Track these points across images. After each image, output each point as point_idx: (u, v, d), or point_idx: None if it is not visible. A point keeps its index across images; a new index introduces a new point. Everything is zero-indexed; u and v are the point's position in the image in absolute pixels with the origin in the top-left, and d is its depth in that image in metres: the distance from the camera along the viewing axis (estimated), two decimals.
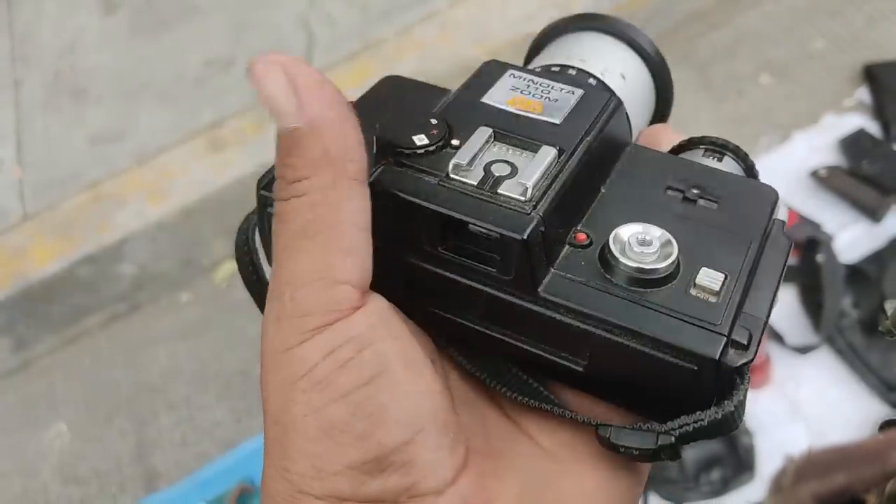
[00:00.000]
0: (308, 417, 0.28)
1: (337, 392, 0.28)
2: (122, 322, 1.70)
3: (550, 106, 0.34)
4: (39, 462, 1.55)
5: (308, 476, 0.28)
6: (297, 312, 0.29)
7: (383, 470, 0.28)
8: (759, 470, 1.32)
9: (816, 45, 1.83)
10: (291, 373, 0.29)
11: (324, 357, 0.28)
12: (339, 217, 0.29)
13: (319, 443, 0.28)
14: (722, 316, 0.30)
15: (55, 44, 2.02)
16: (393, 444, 0.28)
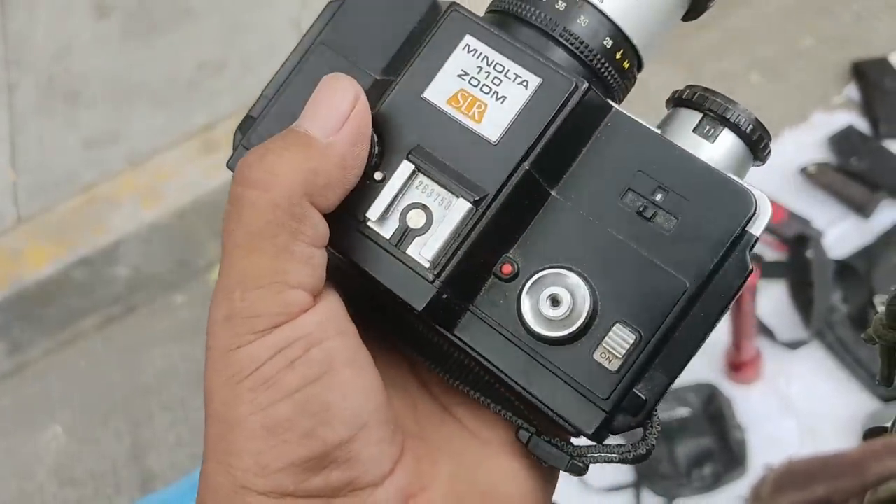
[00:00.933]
0: (254, 415, 0.29)
1: (283, 391, 0.29)
2: (117, 324, 1.70)
3: (494, 110, 0.31)
4: (35, 464, 1.56)
5: (252, 472, 0.29)
6: (248, 313, 0.29)
7: (326, 466, 0.29)
8: (750, 465, 1.33)
9: (805, 44, 1.84)
10: (238, 371, 0.29)
11: (271, 356, 0.29)
12: (298, 229, 0.29)
13: (264, 440, 0.29)
14: (613, 389, 0.30)
15: (48, 48, 2.03)
16: (337, 442, 0.29)
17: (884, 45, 1.78)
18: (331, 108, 0.30)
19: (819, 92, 1.75)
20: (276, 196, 0.29)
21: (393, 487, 0.30)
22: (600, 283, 0.30)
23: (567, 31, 0.33)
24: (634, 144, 0.32)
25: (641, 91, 1.67)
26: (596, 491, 1.36)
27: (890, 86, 1.70)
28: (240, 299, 0.29)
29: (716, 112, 0.33)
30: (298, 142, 0.30)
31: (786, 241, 1.51)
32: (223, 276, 0.30)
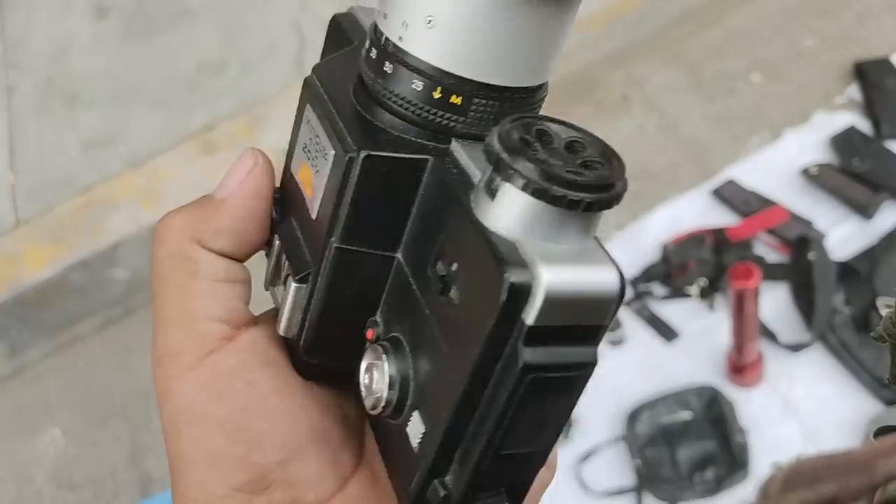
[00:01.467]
0: (191, 449, 0.31)
1: (214, 423, 0.31)
2: (116, 327, 1.70)
3: (316, 184, 0.30)
4: (34, 468, 1.55)
5: (201, 501, 0.31)
6: (170, 352, 0.32)
7: (266, 487, 0.31)
8: (752, 468, 1.32)
9: (807, 44, 1.83)
10: (173, 409, 0.31)
11: (198, 392, 0.31)
12: (194, 269, 0.32)
13: (204, 470, 0.31)
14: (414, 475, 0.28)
15: (47, 49, 2.02)
16: (271, 464, 0.31)
17: (886, 46, 1.77)
18: (232, 173, 0.33)
19: (821, 92, 1.75)
20: (170, 245, 0.33)
21: (344, 502, 0.32)
22: (416, 357, 0.28)
23: (380, 86, 0.29)
24: (442, 204, 0.28)
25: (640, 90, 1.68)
26: (597, 495, 1.35)
27: (892, 86, 1.69)
28: (161, 341, 0.32)
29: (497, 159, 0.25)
30: (199, 202, 0.34)
31: (788, 243, 1.51)
32: (153, 324, 0.33)
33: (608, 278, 0.25)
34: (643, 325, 1.49)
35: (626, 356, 1.46)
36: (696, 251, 1.51)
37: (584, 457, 1.38)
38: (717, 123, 1.74)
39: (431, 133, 0.29)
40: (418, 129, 0.29)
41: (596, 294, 0.25)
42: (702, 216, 1.59)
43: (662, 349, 1.46)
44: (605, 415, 1.41)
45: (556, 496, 1.36)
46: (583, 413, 1.42)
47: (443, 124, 0.29)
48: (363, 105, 0.30)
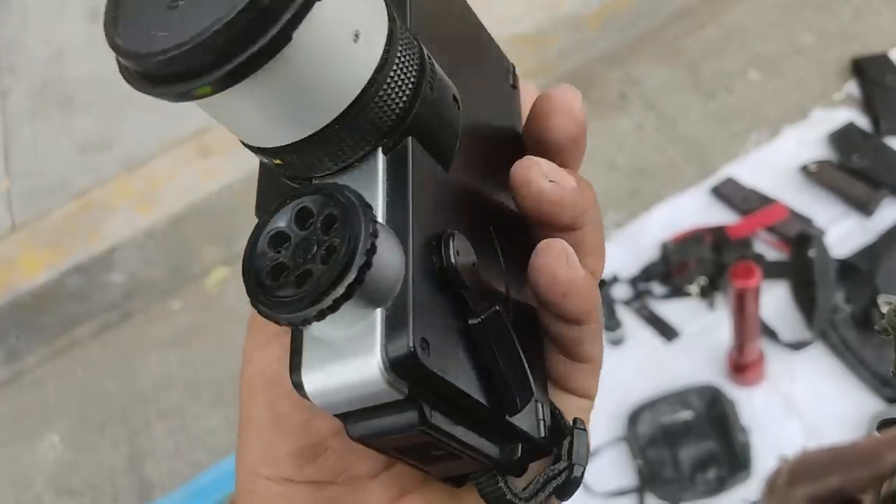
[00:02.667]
0: (261, 412, 0.33)
1: (284, 388, 0.32)
2: (114, 331, 1.69)
3: None
4: (33, 474, 1.54)
5: (261, 461, 0.33)
6: (262, 322, 0.33)
7: (320, 454, 0.32)
8: (754, 468, 1.31)
9: (804, 40, 1.83)
10: (252, 373, 0.34)
11: (274, 360, 0.33)
12: None
13: (270, 432, 0.32)
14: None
15: (42, 53, 2.01)
16: (328, 432, 0.32)
17: (884, 41, 1.77)
18: None
19: (819, 89, 1.74)
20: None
21: (388, 481, 0.33)
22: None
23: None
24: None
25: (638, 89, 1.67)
26: (599, 496, 1.34)
27: (890, 82, 1.69)
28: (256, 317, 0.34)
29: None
30: None
31: (787, 241, 1.50)
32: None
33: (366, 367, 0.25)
34: (643, 324, 1.48)
35: (627, 356, 1.45)
36: (695, 250, 1.51)
37: None
38: (715, 121, 1.74)
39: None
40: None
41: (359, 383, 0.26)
42: (701, 214, 1.58)
43: (663, 349, 1.46)
44: (605, 415, 1.41)
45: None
46: None
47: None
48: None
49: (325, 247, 0.25)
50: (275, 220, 0.25)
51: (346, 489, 0.32)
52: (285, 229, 0.25)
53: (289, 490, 0.32)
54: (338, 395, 0.26)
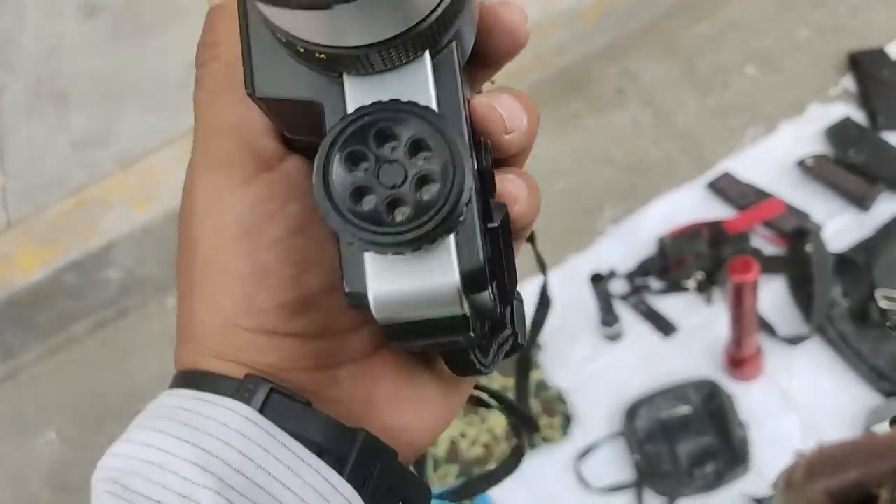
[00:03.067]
0: (240, 261, 0.31)
1: (266, 240, 0.31)
2: (110, 328, 1.69)
3: None
4: (29, 471, 1.54)
5: (242, 311, 0.31)
6: (224, 162, 0.31)
7: (308, 309, 0.32)
8: (752, 462, 1.32)
9: (801, 35, 1.83)
10: (223, 219, 0.31)
11: (251, 207, 0.31)
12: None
13: (251, 284, 0.31)
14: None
15: (37, 49, 2.01)
16: (318, 287, 0.32)
17: (880, 36, 1.77)
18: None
19: (815, 84, 1.74)
20: (229, 53, 0.31)
21: (366, 334, 0.33)
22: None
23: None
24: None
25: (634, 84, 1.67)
26: (597, 491, 1.34)
27: (887, 76, 1.69)
28: (210, 150, 0.32)
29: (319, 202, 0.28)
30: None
31: (785, 236, 1.50)
32: (195, 132, 0.32)
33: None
34: (640, 319, 1.48)
35: (624, 351, 1.45)
36: (692, 244, 1.51)
37: (583, 453, 1.38)
38: (711, 116, 1.74)
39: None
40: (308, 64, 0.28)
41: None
42: (698, 209, 1.58)
43: (660, 344, 1.46)
44: (603, 410, 1.41)
45: (556, 493, 1.36)
46: (581, 409, 1.41)
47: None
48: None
49: (417, 176, 0.25)
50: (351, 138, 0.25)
51: (329, 342, 0.33)
52: (363, 148, 0.25)
53: (273, 342, 0.32)
54: (405, 308, 0.27)
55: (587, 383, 1.43)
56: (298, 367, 0.32)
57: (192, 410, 0.31)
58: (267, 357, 0.32)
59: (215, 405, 0.31)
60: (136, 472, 0.30)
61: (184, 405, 0.31)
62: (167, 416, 0.31)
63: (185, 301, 0.33)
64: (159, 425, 0.31)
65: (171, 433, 0.30)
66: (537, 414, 1.39)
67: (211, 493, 0.29)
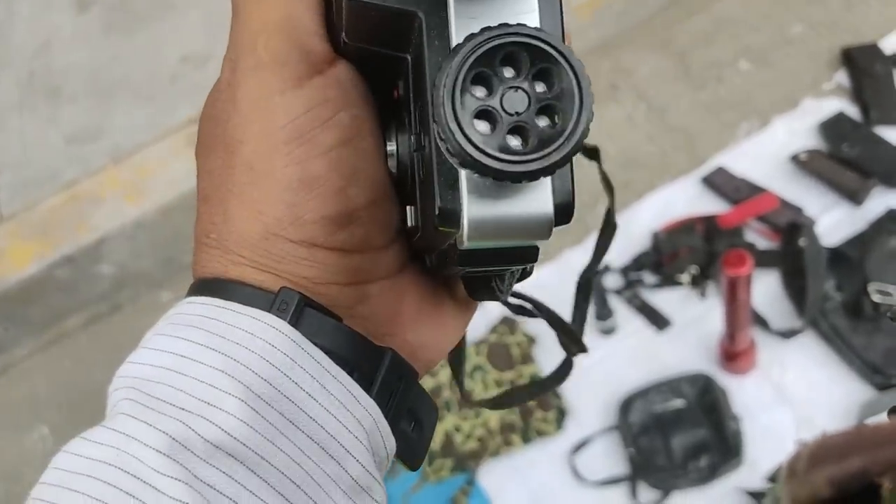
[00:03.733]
0: (289, 168, 0.30)
1: (318, 148, 0.30)
2: (103, 322, 1.68)
3: None
4: (22, 466, 1.54)
5: (286, 221, 0.31)
6: (275, 61, 0.30)
7: (350, 223, 0.31)
8: (746, 455, 1.32)
9: (795, 30, 1.83)
10: (273, 122, 0.30)
11: (305, 112, 0.30)
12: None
13: (299, 193, 0.30)
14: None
15: (29, 43, 2.00)
16: (362, 201, 0.31)
17: (874, 31, 1.77)
18: None
19: (809, 79, 1.75)
20: None
21: (396, 250, 0.34)
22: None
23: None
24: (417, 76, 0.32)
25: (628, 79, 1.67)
26: (591, 485, 1.35)
27: (880, 71, 1.69)
28: (263, 48, 0.30)
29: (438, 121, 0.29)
30: None
31: (778, 230, 1.51)
32: (239, 29, 0.31)
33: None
34: (635, 313, 1.48)
35: (618, 345, 1.46)
36: (686, 239, 1.51)
37: (577, 447, 1.38)
38: (705, 111, 1.74)
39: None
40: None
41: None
42: (692, 204, 1.58)
43: (654, 338, 1.46)
44: (597, 404, 1.41)
45: (550, 486, 1.36)
46: (575, 403, 1.42)
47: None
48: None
49: (542, 104, 0.25)
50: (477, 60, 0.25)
51: (365, 257, 0.32)
52: (489, 71, 0.25)
53: (314, 255, 0.31)
54: (495, 233, 0.27)
55: (581, 377, 1.43)
56: (333, 281, 0.32)
57: (216, 319, 0.30)
58: (305, 270, 0.31)
59: (241, 314, 0.30)
60: (158, 379, 0.29)
61: (207, 313, 0.31)
62: (189, 323, 0.31)
63: (216, 206, 0.32)
64: (181, 332, 0.30)
65: (196, 340, 0.30)
66: (531, 407, 1.40)
67: (237, 401, 0.29)
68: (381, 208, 0.32)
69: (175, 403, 0.29)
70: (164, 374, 0.29)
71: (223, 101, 0.32)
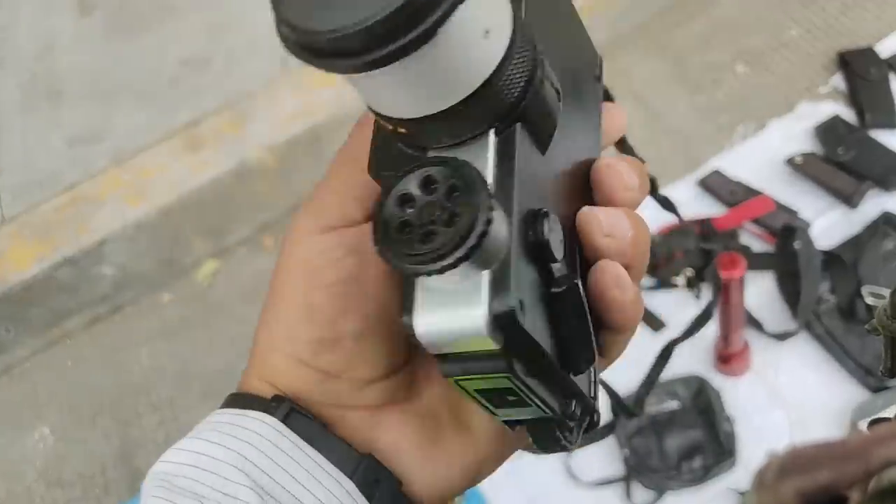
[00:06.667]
0: (295, 295, 0.36)
1: (322, 282, 0.36)
2: (104, 324, 1.69)
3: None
4: (23, 466, 1.55)
5: (284, 337, 0.37)
6: (317, 210, 0.37)
7: (336, 350, 0.36)
8: (739, 456, 1.33)
9: (791, 34, 1.84)
10: (295, 256, 0.37)
11: (320, 252, 0.36)
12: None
13: (298, 315, 0.36)
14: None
15: (31, 46, 2.01)
16: (349, 332, 0.36)
17: (869, 35, 1.78)
18: None
19: (805, 82, 1.76)
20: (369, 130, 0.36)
21: (381, 388, 0.37)
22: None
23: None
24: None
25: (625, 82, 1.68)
26: (586, 485, 1.36)
27: (875, 75, 1.70)
28: (317, 198, 0.37)
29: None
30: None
31: (773, 233, 1.52)
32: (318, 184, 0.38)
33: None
34: None
35: None
36: (682, 242, 1.52)
37: None
38: (702, 114, 1.75)
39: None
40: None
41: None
42: (688, 207, 1.59)
43: (650, 339, 1.47)
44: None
45: (545, 487, 1.37)
46: None
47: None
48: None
49: (448, 213, 0.29)
50: (404, 183, 0.30)
51: (346, 386, 0.37)
52: (412, 192, 0.30)
53: (300, 371, 0.37)
54: (443, 338, 0.30)
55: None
56: (314, 399, 0.37)
57: (231, 423, 0.36)
58: (293, 383, 0.37)
59: (252, 418, 0.36)
60: (182, 473, 0.35)
61: (223, 419, 0.37)
62: (210, 428, 0.37)
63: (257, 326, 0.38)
64: (204, 435, 0.36)
65: (211, 440, 0.36)
66: None
67: (247, 490, 0.34)
68: (368, 344, 0.36)
69: (193, 490, 0.35)
70: (186, 469, 0.36)
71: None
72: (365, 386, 0.37)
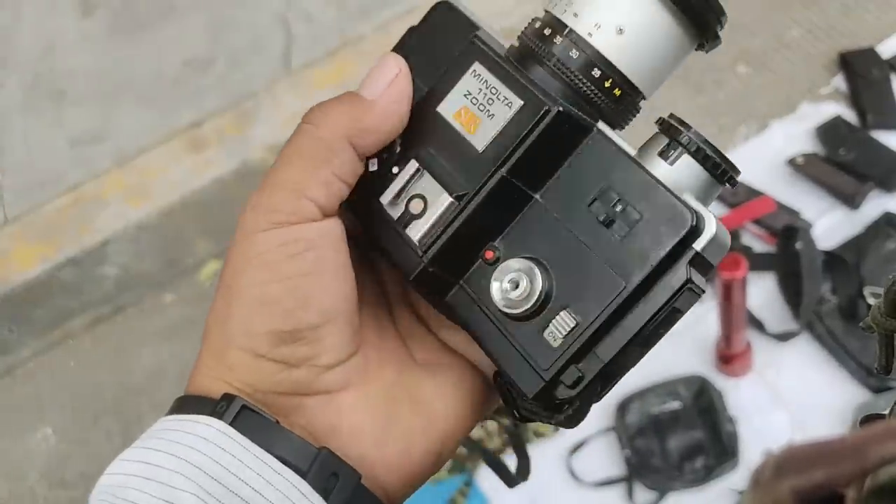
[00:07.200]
0: (251, 289, 0.37)
1: (279, 275, 0.36)
2: (106, 324, 1.70)
3: (485, 125, 0.38)
4: (26, 466, 1.55)
5: (239, 332, 0.37)
6: (270, 207, 0.37)
7: (296, 341, 0.37)
8: (742, 457, 1.33)
9: (792, 34, 1.84)
10: (249, 251, 0.37)
11: (277, 246, 0.37)
12: (329, 159, 0.38)
13: (254, 309, 0.37)
14: (552, 363, 0.36)
15: (33, 46, 2.01)
16: (309, 324, 0.37)
17: (871, 36, 1.78)
18: (378, 76, 0.39)
19: (806, 83, 1.75)
20: (322, 131, 0.38)
21: (340, 373, 0.38)
22: (558, 274, 0.37)
23: (560, 62, 0.38)
24: (607, 162, 0.38)
25: None
26: (588, 486, 1.36)
27: (877, 76, 1.70)
28: (267, 196, 0.37)
29: (676, 138, 0.38)
30: (350, 98, 0.39)
31: (774, 233, 1.52)
32: (264, 180, 0.38)
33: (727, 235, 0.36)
34: None
35: None
36: None
37: (574, 448, 1.39)
38: (703, 115, 1.75)
39: (593, 110, 0.39)
40: (584, 104, 0.38)
41: (724, 242, 0.36)
42: None
43: None
44: (594, 406, 1.42)
45: (547, 487, 1.37)
46: None
47: (601, 107, 0.39)
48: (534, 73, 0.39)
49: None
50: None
51: (307, 373, 0.37)
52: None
53: (257, 364, 0.37)
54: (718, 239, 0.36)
55: None
56: (272, 390, 0.37)
57: (176, 430, 0.36)
58: (249, 376, 0.37)
59: (196, 422, 0.36)
60: (126, 484, 0.35)
61: (168, 426, 0.37)
62: (155, 436, 0.36)
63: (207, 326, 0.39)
64: (147, 444, 0.36)
65: (157, 448, 0.35)
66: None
67: (192, 497, 0.34)
68: (326, 333, 0.37)
69: (138, 502, 0.35)
70: (131, 480, 0.35)
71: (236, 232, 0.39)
72: (327, 371, 0.38)
